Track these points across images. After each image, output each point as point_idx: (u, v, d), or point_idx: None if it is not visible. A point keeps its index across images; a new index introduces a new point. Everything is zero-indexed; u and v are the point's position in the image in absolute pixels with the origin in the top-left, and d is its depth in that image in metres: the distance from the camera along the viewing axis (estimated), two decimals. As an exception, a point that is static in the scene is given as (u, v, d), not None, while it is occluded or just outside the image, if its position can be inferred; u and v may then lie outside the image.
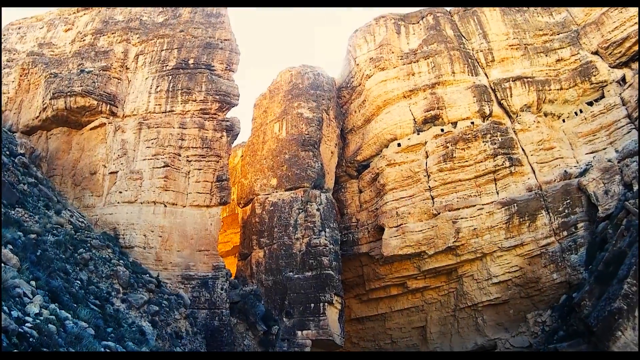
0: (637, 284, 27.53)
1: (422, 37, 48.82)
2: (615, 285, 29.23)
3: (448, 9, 51.63)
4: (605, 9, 49.23)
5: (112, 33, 44.42)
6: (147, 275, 30.99)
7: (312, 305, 38.08)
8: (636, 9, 48.19)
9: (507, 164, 43.34)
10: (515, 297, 41.51)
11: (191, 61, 41.78)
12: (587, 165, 44.63)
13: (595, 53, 49.59)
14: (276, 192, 44.82)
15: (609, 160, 44.00)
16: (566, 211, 42.34)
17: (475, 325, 42.08)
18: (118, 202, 35.84)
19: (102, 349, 14.18)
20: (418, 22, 49.98)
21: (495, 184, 43.64)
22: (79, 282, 22.94)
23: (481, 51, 48.55)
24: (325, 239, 40.91)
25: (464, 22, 50.21)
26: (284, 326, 37.83)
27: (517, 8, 51.16)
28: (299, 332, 37.35)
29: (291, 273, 39.84)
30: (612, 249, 34.38)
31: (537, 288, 40.94)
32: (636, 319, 26.61)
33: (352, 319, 46.99)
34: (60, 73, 41.47)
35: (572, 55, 49.31)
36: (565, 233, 41.65)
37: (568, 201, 42.67)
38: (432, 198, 43.74)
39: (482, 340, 41.44)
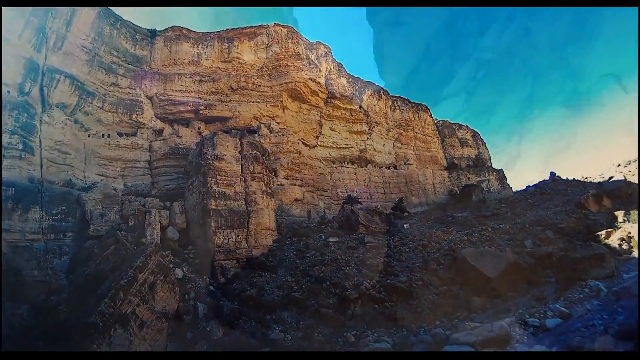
0: (113, 306, 30.15)
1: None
2: (93, 301, 31.45)
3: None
4: (182, 73, 58.25)
5: None
6: None
7: None
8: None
9: (20, 147, 42.20)
10: (-6, 283, 39.04)
11: None
12: (93, 184, 48.63)
13: (150, 98, 56.91)
14: None
15: (115, 190, 49.47)
16: (59, 216, 44.19)
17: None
18: None
19: None
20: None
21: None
22: None
23: (54, 33, 47.15)
24: None
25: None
26: None
27: (121, 21, 53.98)
28: None
29: None
30: (95, 267, 37.95)
31: (19, 280, 39.44)
32: (112, 338, 28.20)
33: None
34: None
35: (128, 87, 55.34)
36: (53, 236, 43.06)
37: (64, 208, 44.74)
38: None
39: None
